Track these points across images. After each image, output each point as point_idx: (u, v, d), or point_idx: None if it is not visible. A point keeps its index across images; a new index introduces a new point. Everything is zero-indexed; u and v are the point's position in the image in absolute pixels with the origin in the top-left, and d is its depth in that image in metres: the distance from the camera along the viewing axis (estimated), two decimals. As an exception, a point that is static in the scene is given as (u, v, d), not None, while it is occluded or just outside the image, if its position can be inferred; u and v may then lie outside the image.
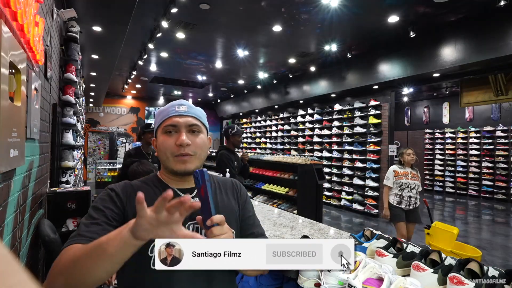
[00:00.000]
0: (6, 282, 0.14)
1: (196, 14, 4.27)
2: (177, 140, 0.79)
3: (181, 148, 0.79)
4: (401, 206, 3.42)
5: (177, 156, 0.79)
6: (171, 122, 0.81)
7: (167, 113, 0.83)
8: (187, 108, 0.84)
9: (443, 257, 1.21)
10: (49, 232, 1.71)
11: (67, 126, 3.00)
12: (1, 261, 0.15)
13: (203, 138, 0.85)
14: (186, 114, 0.83)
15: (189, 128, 0.82)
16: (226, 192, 0.92)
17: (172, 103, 0.85)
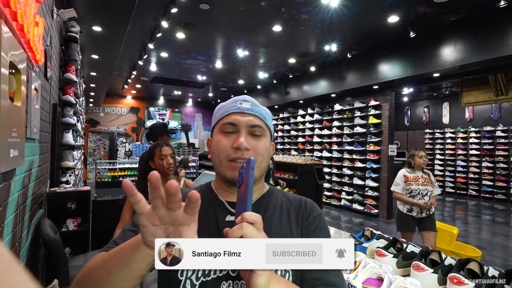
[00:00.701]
0: (6, 282, 0.14)
1: (196, 14, 4.27)
2: (234, 141, 0.66)
3: (238, 152, 0.66)
4: (412, 214, 3.03)
5: (231, 160, 0.66)
6: (230, 120, 0.69)
7: (226, 109, 0.71)
8: (250, 105, 0.71)
9: (443, 257, 1.21)
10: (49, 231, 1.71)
11: (67, 126, 3.00)
12: (1, 261, 0.15)
13: (266, 143, 0.71)
14: (248, 112, 0.70)
15: (251, 129, 0.69)
16: (288, 213, 0.72)
17: (234, 98, 0.73)
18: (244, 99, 0.72)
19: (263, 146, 0.69)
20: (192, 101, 12.55)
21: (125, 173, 9.57)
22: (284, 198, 0.76)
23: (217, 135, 0.71)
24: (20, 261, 1.56)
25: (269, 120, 0.74)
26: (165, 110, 12.29)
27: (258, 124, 0.69)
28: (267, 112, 0.75)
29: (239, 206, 0.54)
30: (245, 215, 0.50)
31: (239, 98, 0.73)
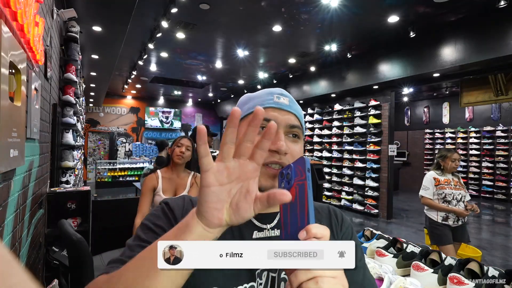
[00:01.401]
0: (6, 282, 0.14)
1: (196, 14, 4.27)
2: (272, 142, 0.54)
3: (275, 156, 0.55)
4: (448, 223, 2.65)
5: (267, 165, 0.56)
6: (267, 115, 0.58)
7: (260, 102, 0.61)
8: (289, 102, 0.62)
9: (443, 257, 1.21)
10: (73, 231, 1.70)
11: (67, 126, 3.00)
12: (1, 261, 0.15)
13: (302, 147, 0.63)
14: (287, 110, 0.60)
15: (289, 130, 0.59)
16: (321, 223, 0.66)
17: (269, 90, 0.63)
18: (281, 93, 0.62)
19: (300, 150, 0.60)
20: (192, 101, 12.55)
21: (125, 173, 9.58)
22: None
23: None
24: (20, 261, 1.56)
25: (303, 121, 0.66)
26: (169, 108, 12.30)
27: (297, 125, 0.60)
28: (301, 111, 0.67)
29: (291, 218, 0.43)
30: (312, 228, 0.40)
31: (275, 91, 0.63)
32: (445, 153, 2.76)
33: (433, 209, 2.72)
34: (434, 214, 2.71)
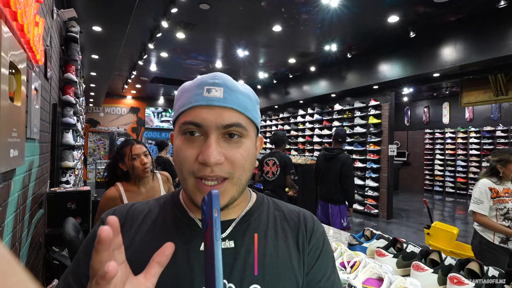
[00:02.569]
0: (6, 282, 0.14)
1: (196, 14, 4.27)
2: (201, 152, 0.47)
3: (206, 168, 0.46)
4: (508, 247, 2.09)
5: (198, 178, 0.47)
6: (194, 118, 0.48)
7: (188, 99, 0.49)
8: (223, 93, 0.49)
9: (443, 257, 1.21)
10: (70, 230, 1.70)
11: (67, 126, 3.00)
12: (1, 261, 0.15)
13: (248, 148, 0.50)
14: (220, 105, 0.48)
15: (225, 130, 0.48)
16: (285, 236, 0.54)
17: (202, 79, 0.51)
18: (214, 81, 0.49)
19: (244, 154, 0.49)
20: (192, 101, 12.53)
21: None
22: (278, 212, 0.58)
23: (178, 139, 0.50)
24: (20, 261, 1.56)
25: (253, 110, 0.52)
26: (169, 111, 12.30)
27: (235, 123, 0.48)
28: (250, 97, 0.52)
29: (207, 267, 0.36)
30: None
31: (207, 79, 0.50)
32: (507, 156, 2.14)
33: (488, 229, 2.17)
34: (491, 234, 2.15)
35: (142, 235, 0.52)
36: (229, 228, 0.52)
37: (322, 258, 0.54)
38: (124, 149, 1.64)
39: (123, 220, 0.53)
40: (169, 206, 0.56)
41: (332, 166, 3.31)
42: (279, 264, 0.50)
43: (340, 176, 3.26)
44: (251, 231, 0.53)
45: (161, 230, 0.52)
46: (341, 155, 3.32)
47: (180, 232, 0.51)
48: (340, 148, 3.40)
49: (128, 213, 0.54)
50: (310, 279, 0.53)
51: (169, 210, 0.55)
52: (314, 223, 0.57)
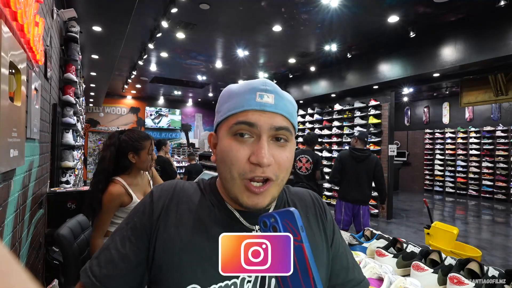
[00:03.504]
0: (6, 282, 0.14)
1: (196, 14, 4.27)
2: (253, 152, 0.49)
3: (258, 170, 0.48)
4: None
5: (248, 180, 0.49)
6: (247, 118, 0.50)
7: (241, 103, 0.51)
8: (274, 100, 0.51)
9: (443, 257, 1.21)
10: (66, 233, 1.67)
11: (67, 126, 3.00)
12: (1, 261, 0.15)
13: (291, 151, 0.53)
14: (272, 111, 0.50)
15: (275, 133, 0.50)
16: (307, 218, 0.60)
17: (251, 84, 0.52)
18: (266, 88, 0.51)
19: (289, 156, 0.52)
20: (192, 101, 12.54)
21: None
22: (292, 195, 0.63)
23: (226, 139, 0.51)
24: (20, 261, 1.56)
25: (295, 116, 0.56)
26: (168, 110, 12.29)
27: (284, 126, 0.51)
28: (293, 104, 0.56)
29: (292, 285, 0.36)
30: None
31: (257, 85, 0.52)
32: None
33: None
34: None
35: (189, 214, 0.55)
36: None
37: (336, 229, 0.63)
38: (145, 142, 1.65)
39: (171, 193, 0.57)
40: (210, 194, 0.58)
41: (365, 167, 3.35)
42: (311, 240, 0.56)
43: (374, 176, 3.36)
44: None
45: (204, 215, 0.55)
46: (372, 156, 3.39)
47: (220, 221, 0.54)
48: (368, 149, 3.51)
49: (176, 188, 0.58)
50: (333, 251, 0.61)
51: (210, 198, 0.57)
52: (322, 201, 0.66)
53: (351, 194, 3.40)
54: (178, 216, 0.53)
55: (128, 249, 0.52)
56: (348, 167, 3.41)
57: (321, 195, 4.50)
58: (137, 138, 1.64)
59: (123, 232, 0.54)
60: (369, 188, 3.37)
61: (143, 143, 1.64)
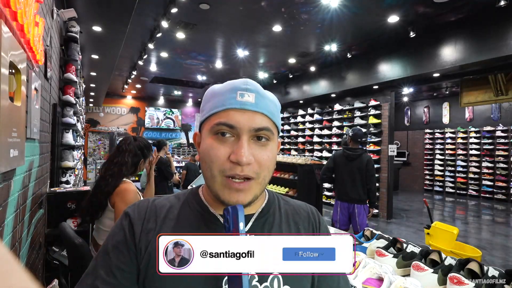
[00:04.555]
0: (6, 282, 0.14)
1: (196, 14, 4.27)
2: (233, 151, 0.50)
3: (237, 167, 0.50)
4: None
5: (228, 177, 0.51)
6: (228, 119, 0.51)
7: (222, 101, 0.53)
8: (255, 98, 0.52)
9: (443, 257, 1.21)
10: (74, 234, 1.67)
11: (67, 126, 3.00)
12: (1, 261, 0.15)
13: (273, 151, 0.55)
14: (252, 109, 0.52)
15: (255, 133, 0.52)
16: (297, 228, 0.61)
17: (233, 84, 0.54)
18: (246, 87, 0.53)
19: (270, 156, 0.53)
20: (192, 101, 12.54)
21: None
22: (288, 206, 0.64)
23: (208, 138, 0.53)
24: (20, 261, 1.56)
25: (278, 115, 0.57)
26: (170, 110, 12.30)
27: (264, 126, 0.52)
28: (275, 103, 0.57)
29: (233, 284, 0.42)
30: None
31: (238, 85, 0.53)
32: None
33: None
34: None
35: (167, 229, 0.54)
36: (250, 223, 0.57)
37: None
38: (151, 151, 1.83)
39: (148, 214, 0.56)
40: (191, 202, 0.59)
41: (356, 166, 3.33)
42: None
43: (365, 175, 3.33)
44: (268, 226, 0.58)
45: (185, 225, 0.55)
46: (364, 155, 3.36)
47: (203, 227, 0.55)
48: (361, 148, 3.43)
49: (151, 208, 0.57)
50: None
51: (190, 206, 0.58)
52: (319, 216, 0.65)
53: (346, 194, 3.42)
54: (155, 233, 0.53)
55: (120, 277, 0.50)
56: (342, 167, 3.43)
57: (321, 195, 4.50)
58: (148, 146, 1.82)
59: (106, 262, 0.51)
60: (363, 187, 3.36)
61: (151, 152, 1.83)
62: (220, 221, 0.56)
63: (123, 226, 0.54)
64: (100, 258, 0.53)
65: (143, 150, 1.77)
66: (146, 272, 0.50)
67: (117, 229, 0.55)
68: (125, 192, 1.59)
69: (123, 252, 0.52)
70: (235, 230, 0.42)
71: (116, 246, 0.53)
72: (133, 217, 0.55)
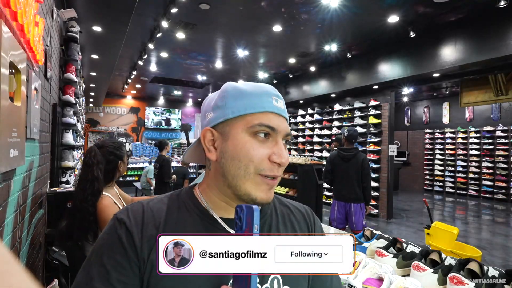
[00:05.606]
0: (6, 282, 0.14)
1: (196, 14, 4.27)
2: (273, 152, 0.52)
3: (275, 168, 0.52)
4: None
5: (263, 176, 0.52)
6: (269, 122, 0.52)
7: (260, 103, 0.53)
8: (283, 105, 0.56)
9: (443, 257, 1.21)
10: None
11: (67, 126, 3.00)
12: (1, 261, 0.15)
13: None
14: (283, 115, 0.55)
15: (285, 138, 0.55)
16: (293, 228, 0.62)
17: (264, 88, 0.55)
18: (278, 94, 0.56)
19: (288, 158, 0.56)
20: (192, 101, 12.54)
21: (125, 173, 9.57)
22: (284, 207, 0.65)
23: (244, 137, 0.52)
24: (20, 261, 1.56)
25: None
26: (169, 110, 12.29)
27: (290, 132, 0.56)
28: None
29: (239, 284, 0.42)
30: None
31: (271, 91, 0.55)
32: None
33: None
34: None
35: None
36: None
37: None
38: (124, 148, 1.66)
39: (145, 219, 0.52)
40: (188, 204, 0.57)
41: (352, 166, 3.39)
42: None
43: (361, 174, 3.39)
44: (267, 226, 0.59)
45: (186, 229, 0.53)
46: (359, 154, 3.42)
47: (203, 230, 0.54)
48: (356, 148, 3.49)
49: (147, 212, 0.53)
50: None
51: (189, 209, 0.56)
52: (314, 216, 0.67)
53: (342, 193, 3.48)
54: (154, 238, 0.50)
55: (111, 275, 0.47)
56: (338, 167, 3.50)
57: (321, 195, 4.51)
58: (119, 146, 1.65)
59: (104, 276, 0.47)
60: (359, 186, 3.43)
61: (124, 149, 1.67)
62: (221, 224, 0.55)
63: (119, 235, 0.50)
64: (95, 270, 0.48)
65: (114, 153, 1.61)
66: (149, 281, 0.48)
67: (111, 238, 0.50)
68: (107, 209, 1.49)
69: (124, 265, 0.48)
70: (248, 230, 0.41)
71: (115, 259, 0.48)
72: (130, 224, 0.51)
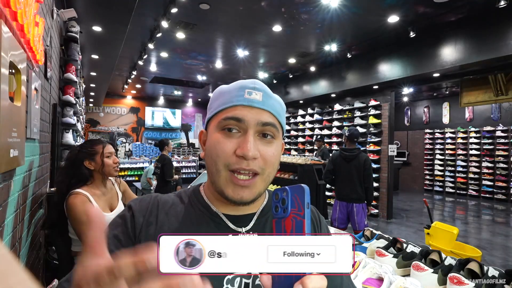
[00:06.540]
0: (6, 282, 0.14)
1: (196, 14, 4.27)
2: (239, 146, 0.51)
3: (242, 162, 0.50)
4: None
5: (233, 171, 0.51)
6: (235, 113, 0.52)
7: (230, 98, 0.54)
8: (262, 97, 0.54)
9: (443, 257, 1.21)
10: None
11: (67, 126, 3.00)
12: (1, 261, 0.15)
13: (278, 149, 0.55)
14: (259, 107, 0.53)
15: (261, 129, 0.53)
16: None
17: (242, 83, 0.55)
18: (254, 86, 0.54)
19: (275, 153, 0.53)
20: (192, 101, 12.55)
21: (125, 173, 9.56)
22: None
23: (215, 133, 0.53)
24: (20, 261, 1.56)
25: (283, 116, 0.58)
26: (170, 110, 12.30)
27: (270, 122, 0.53)
28: (281, 105, 0.58)
29: None
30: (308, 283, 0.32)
31: (247, 84, 0.54)
32: None
33: None
34: None
35: (169, 225, 0.54)
36: (252, 221, 0.57)
37: None
38: (96, 147, 1.68)
39: (150, 207, 0.55)
40: (193, 200, 0.58)
41: (354, 166, 3.40)
42: None
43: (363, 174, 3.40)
44: (269, 225, 0.58)
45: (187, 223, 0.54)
46: (361, 154, 3.42)
47: (204, 225, 0.54)
48: (358, 148, 3.49)
49: (154, 202, 0.56)
50: None
51: (192, 204, 0.57)
52: (319, 215, 0.65)
53: (345, 193, 3.48)
54: (159, 229, 0.53)
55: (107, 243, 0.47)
56: (340, 167, 3.50)
57: (321, 195, 4.51)
58: (88, 145, 1.70)
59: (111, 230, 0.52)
60: (361, 186, 3.44)
61: (95, 148, 1.68)
62: (223, 220, 0.55)
63: (125, 217, 0.54)
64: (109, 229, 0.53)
65: (77, 155, 1.66)
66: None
67: (119, 219, 0.55)
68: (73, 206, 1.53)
69: (121, 240, 0.51)
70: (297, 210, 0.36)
71: (115, 234, 0.52)
72: (136, 209, 0.55)
